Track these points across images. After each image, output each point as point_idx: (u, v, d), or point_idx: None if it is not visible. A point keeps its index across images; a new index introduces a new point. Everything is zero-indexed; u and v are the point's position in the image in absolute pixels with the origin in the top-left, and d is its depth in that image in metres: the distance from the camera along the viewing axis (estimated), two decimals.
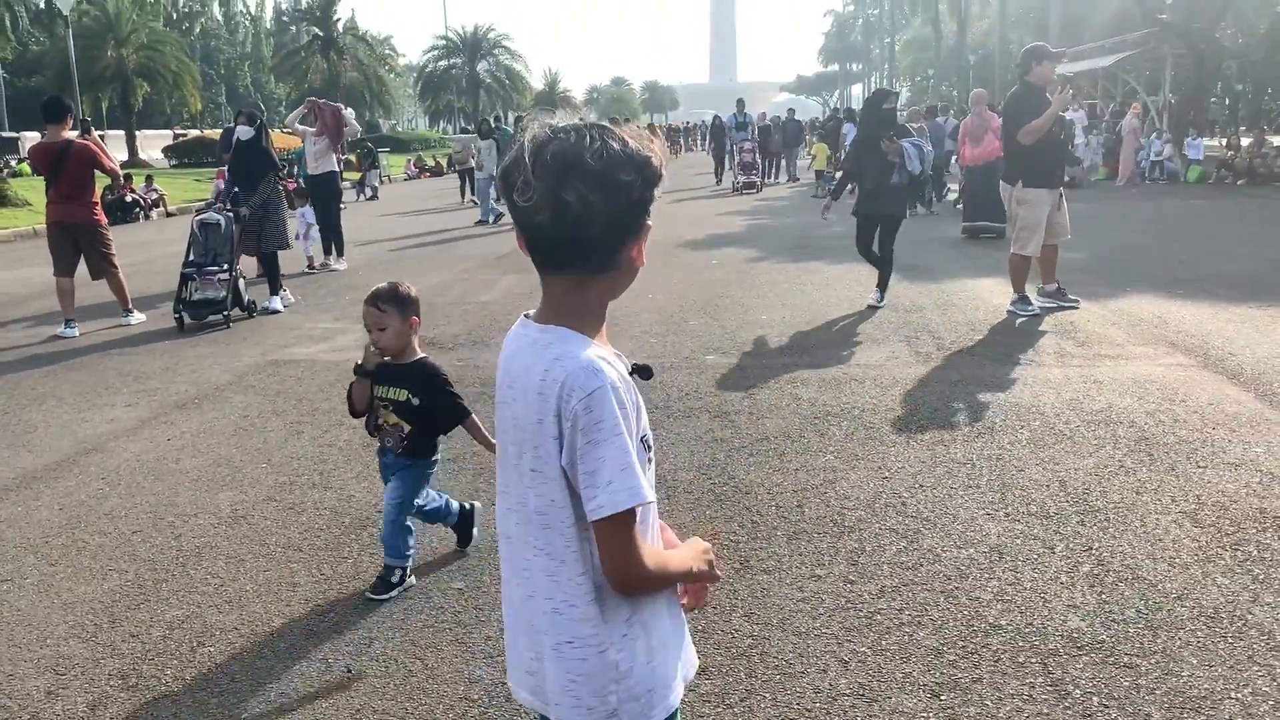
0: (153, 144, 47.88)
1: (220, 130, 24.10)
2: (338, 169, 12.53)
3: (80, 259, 8.63)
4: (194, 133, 52.23)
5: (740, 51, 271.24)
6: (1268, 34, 29.03)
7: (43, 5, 53.70)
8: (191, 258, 8.86)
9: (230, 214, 9.02)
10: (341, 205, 12.64)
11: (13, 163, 32.55)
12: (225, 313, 8.62)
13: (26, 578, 3.80)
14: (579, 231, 1.36)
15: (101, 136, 50.14)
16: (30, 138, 31.75)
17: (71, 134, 8.71)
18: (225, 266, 8.77)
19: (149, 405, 6.21)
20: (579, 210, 1.34)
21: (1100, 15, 40.42)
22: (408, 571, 3.59)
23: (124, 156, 43.16)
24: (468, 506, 3.93)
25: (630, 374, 1.46)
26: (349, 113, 12.62)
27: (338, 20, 49.83)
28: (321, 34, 48.42)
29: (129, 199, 21.95)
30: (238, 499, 4.52)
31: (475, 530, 3.94)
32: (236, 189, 9.42)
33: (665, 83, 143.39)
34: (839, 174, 8.60)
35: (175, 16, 79.07)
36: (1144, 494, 4.20)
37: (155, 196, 23.12)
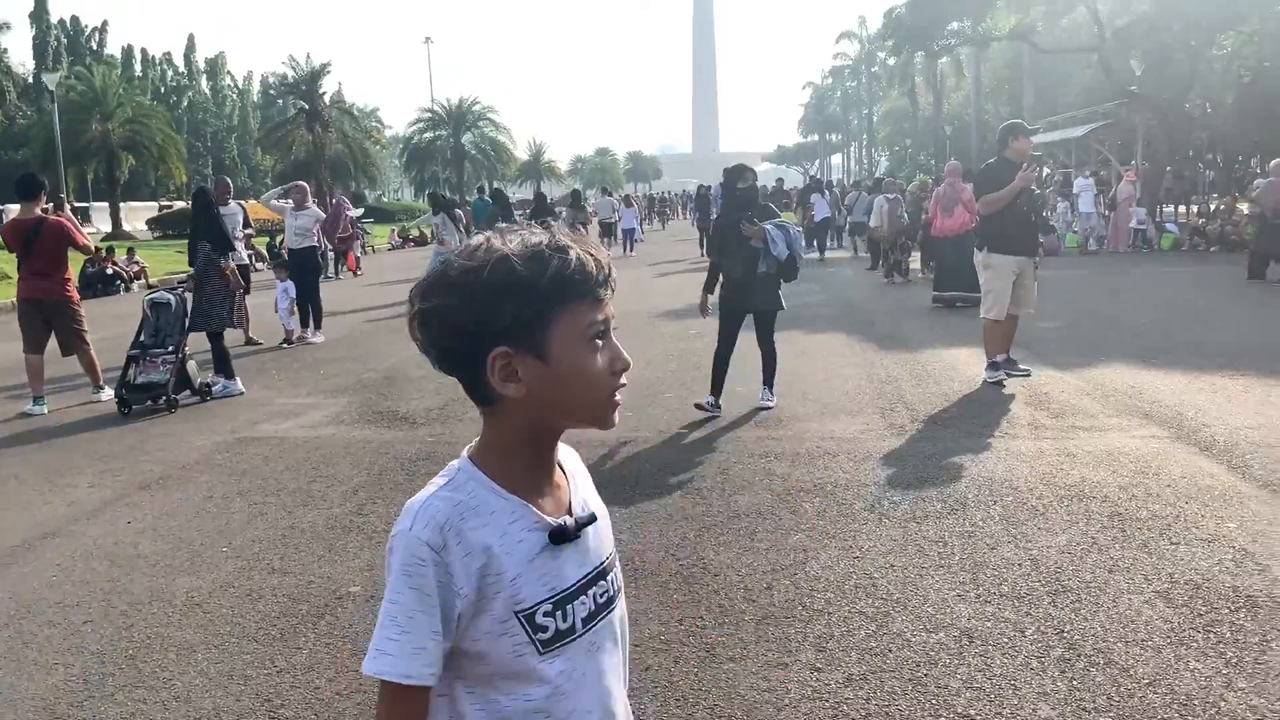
0: (138, 215, 48.12)
1: None
2: (318, 244, 12.57)
3: (51, 335, 8.56)
4: (179, 204, 52.51)
5: (722, 121, 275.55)
6: (1235, 104, 29.66)
7: (30, 80, 54.32)
8: (141, 338, 8.54)
9: (180, 293, 8.82)
10: (326, 277, 12.69)
11: None
12: (168, 397, 8.22)
13: None
14: (431, 353, 1.24)
15: (86, 209, 50.37)
16: (12, 210, 31.83)
17: (47, 208, 8.71)
18: (172, 348, 8.43)
19: (112, 486, 6.10)
20: (422, 331, 1.23)
21: (1072, 86, 41.25)
22: None
23: (108, 229, 43.36)
24: None
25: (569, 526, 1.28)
26: (351, 213, 12.62)
27: (324, 94, 50.40)
28: (307, 107, 48.91)
29: (110, 271, 21.94)
30: (194, 585, 4.41)
31: None
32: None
33: (649, 152, 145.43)
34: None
35: (163, 90, 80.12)
36: (1116, 572, 4.15)
37: (137, 269, 23.12)
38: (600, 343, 1.24)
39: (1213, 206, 24.84)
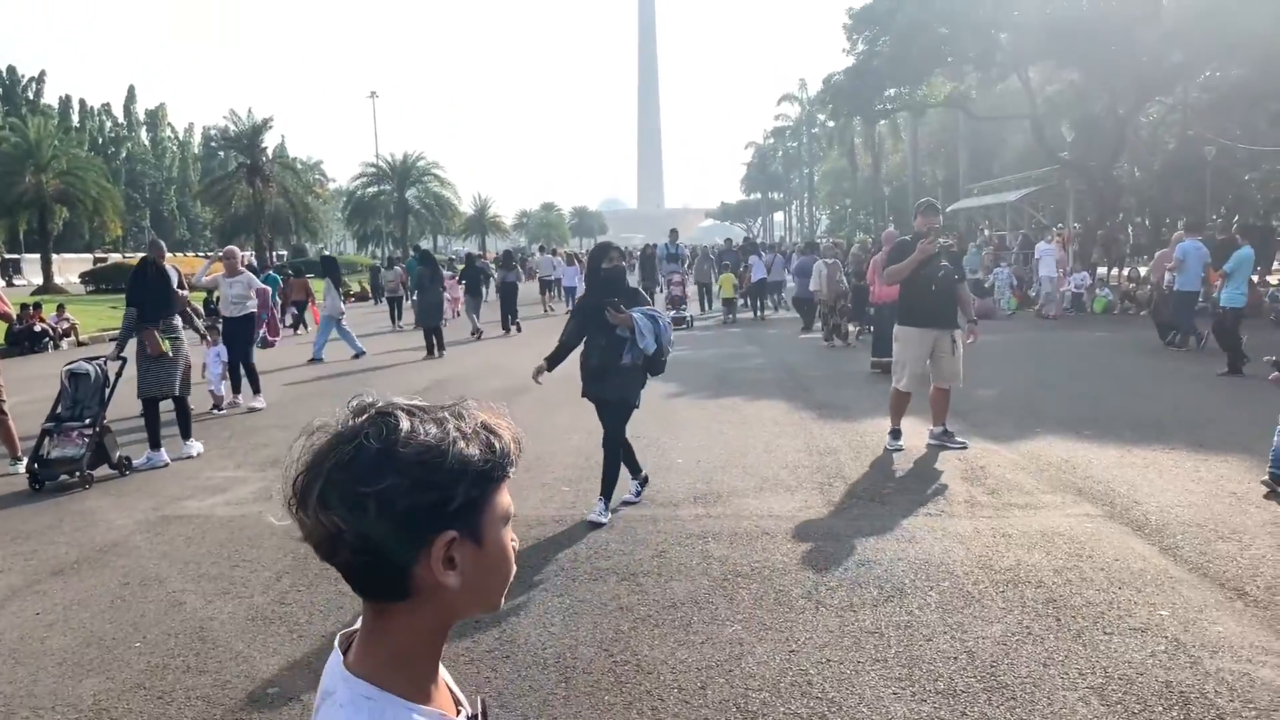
0: (71, 268, 47.16)
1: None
2: (255, 311, 12.33)
3: None
4: (115, 257, 51.66)
5: (667, 178, 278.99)
6: (1160, 172, 30.68)
7: None
8: (57, 410, 8.24)
9: (101, 364, 8.54)
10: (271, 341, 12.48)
11: None
12: (83, 472, 7.89)
13: None
14: (331, 556, 1.10)
15: (17, 261, 49.15)
16: None
17: None
18: (89, 421, 8.14)
19: (23, 571, 5.83)
20: (348, 517, 1.07)
21: (1007, 150, 42.50)
22: None
23: (39, 281, 42.37)
24: None
25: None
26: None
27: (265, 148, 50.05)
28: (248, 161, 48.53)
29: (38, 329, 21.36)
30: (102, 687, 4.20)
31: None
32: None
33: (594, 208, 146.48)
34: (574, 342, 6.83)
35: (102, 141, 79.11)
36: (1051, 666, 4.12)
37: (66, 326, 22.54)
38: (508, 522, 1.17)
39: (1142, 271, 25.53)
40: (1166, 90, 27.07)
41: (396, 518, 1.06)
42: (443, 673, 1.23)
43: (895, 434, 8.56)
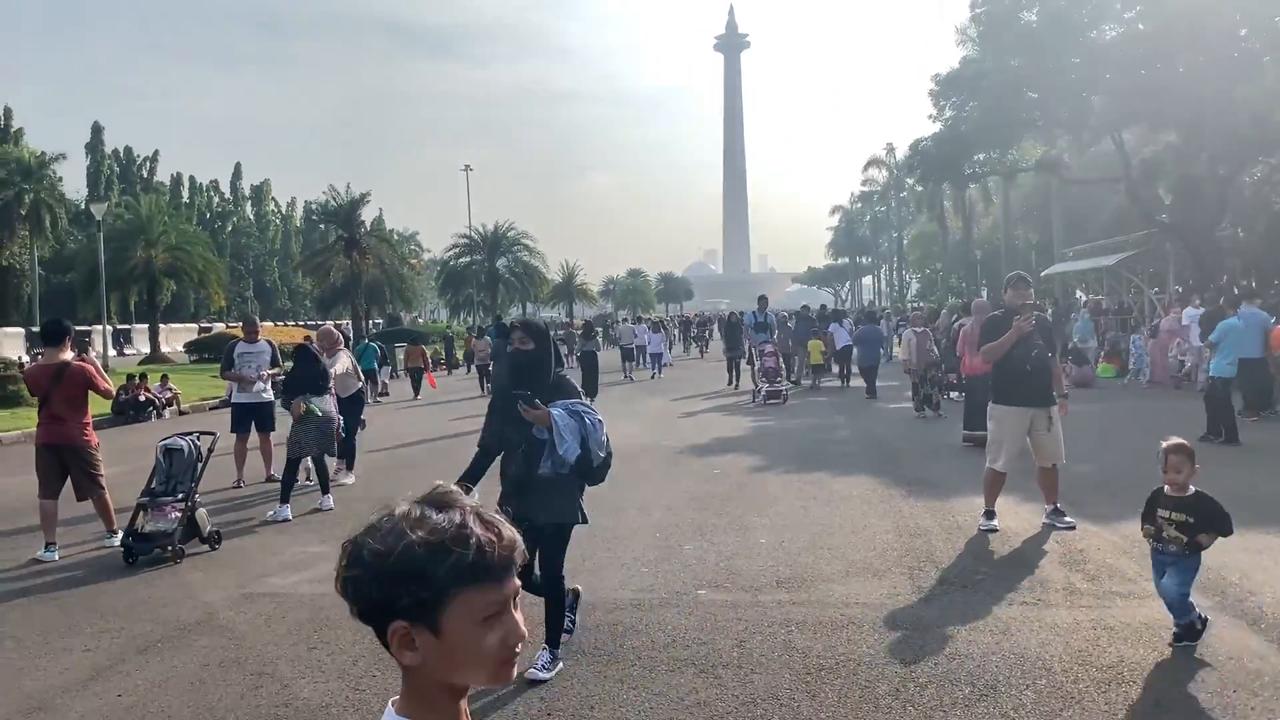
0: (177, 337, 49.11)
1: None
2: (360, 391, 12.52)
3: (66, 480, 8.50)
4: (218, 327, 53.64)
5: (753, 242, 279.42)
6: (1267, 230, 29.59)
7: (83, 207, 56.34)
8: (152, 485, 8.45)
9: (194, 439, 8.80)
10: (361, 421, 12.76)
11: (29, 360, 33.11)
12: (174, 546, 8.02)
13: None
14: (349, 607, 1.38)
15: (127, 331, 51.49)
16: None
17: (69, 355, 8.70)
18: (182, 496, 8.32)
19: (108, 650, 5.91)
20: (342, 589, 1.37)
21: (1103, 213, 41.51)
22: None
23: (147, 350, 44.16)
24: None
25: None
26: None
27: (362, 221, 51.71)
28: (346, 235, 50.13)
29: (142, 398, 22.13)
30: None
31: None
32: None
33: (680, 273, 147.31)
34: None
35: (209, 215, 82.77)
36: None
37: (169, 395, 23.31)
38: (497, 619, 1.34)
39: None
40: (1270, 150, 26.21)
41: (362, 600, 1.34)
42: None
43: (989, 514, 8.26)
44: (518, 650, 1.36)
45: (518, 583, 1.36)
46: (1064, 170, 32.23)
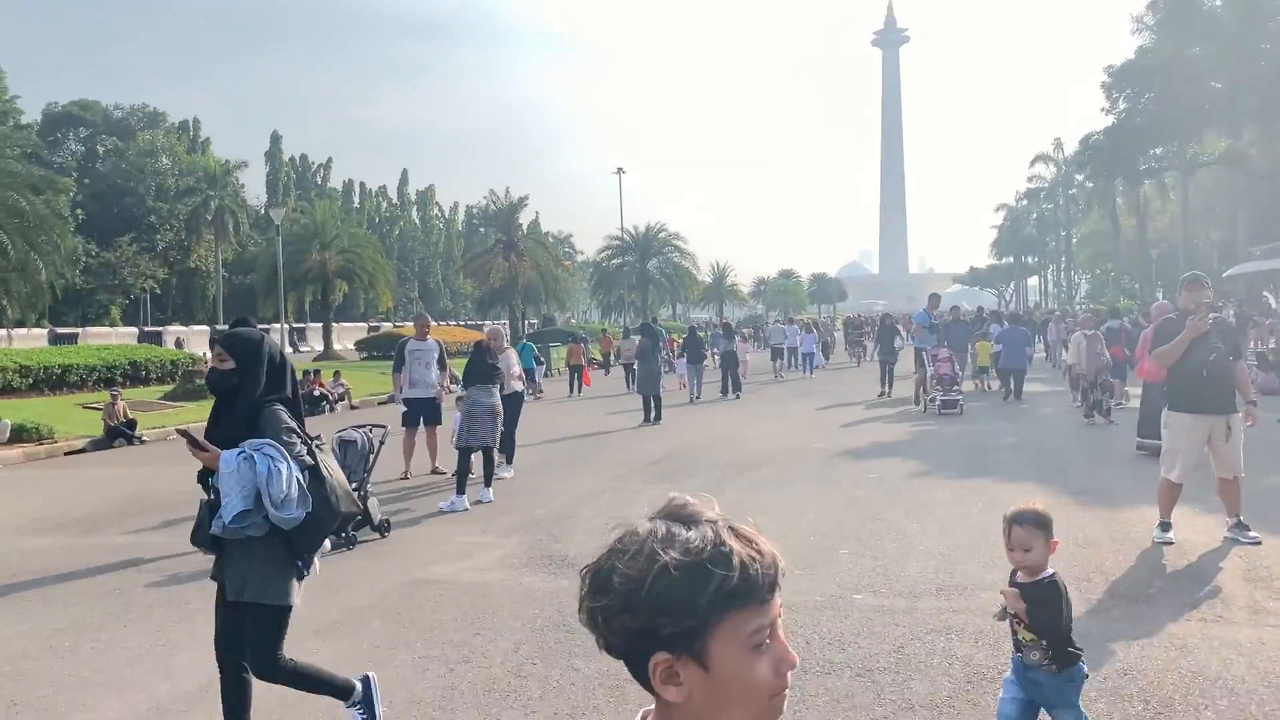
0: (348, 336, 51.51)
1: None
2: (520, 389, 12.89)
3: None
4: (386, 326, 56.01)
5: (911, 241, 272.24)
6: None
7: (263, 212, 59.88)
8: None
9: (367, 431, 9.21)
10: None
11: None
12: (347, 534, 8.38)
13: None
14: (598, 640, 1.27)
15: (302, 329, 54.29)
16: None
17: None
18: (355, 485, 8.60)
19: (293, 631, 6.25)
20: (589, 621, 1.26)
21: None
22: None
23: (320, 348, 46.46)
24: None
25: None
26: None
27: (520, 224, 53.18)
28: (505, 237, 51.63)
29: (317, 393, 23.35)
30: None
31: None
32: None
33: (833, 274, 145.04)
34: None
35: (378, 220, 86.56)
36: None
37: (341, 390, 24.53)
38: (767, 645, 1.22)
39: None
40: None
41: (615, 633, 1.22)
42: None
43: (1164, 526, 7.84)
44: (788, 679, 1.24)
45: (780, 602, 1.25)
46: (1252, 164, 30.23)
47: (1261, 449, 10.38)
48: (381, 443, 9.36)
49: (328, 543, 4.46)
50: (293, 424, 4.26)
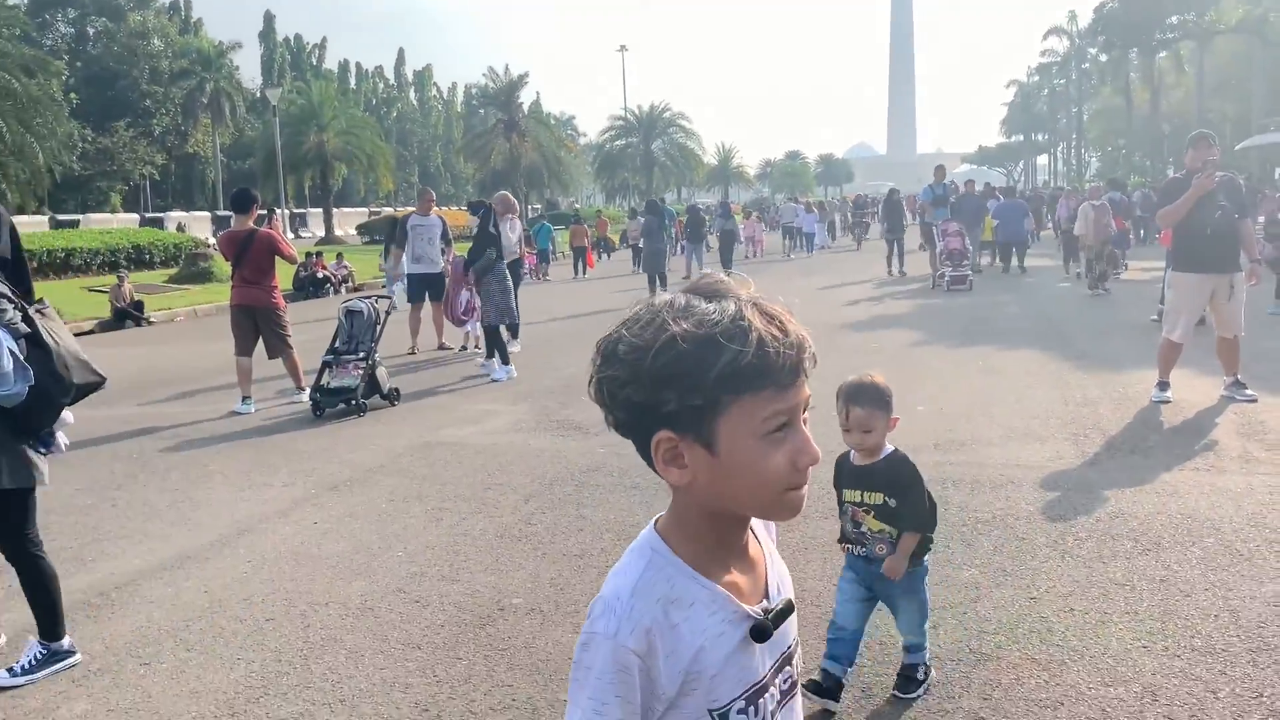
0: (349, 220, 51.23)
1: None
2: (520, 257, 12.91)
3: (259, 339, 9.16)
4: (387, 210, 55.61)
5: (920, 121, 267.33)
6: None
7: (258, 94, 58.84)
8: (335, 344, 9.00)
9: (373, 302, 9.29)
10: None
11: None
12: (358, 401, 8.56)
13: (163, 662, 3.96)
14: (606, 417, 1.20)
15: (303, 214, 54.00)
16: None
17: (262, 214, 9.34)
18: (363, 354, 8.82)
19: (304, 486, 6.46)
20: (596, 394, 1.19)
21: None
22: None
23: (321, 233, 46.27)
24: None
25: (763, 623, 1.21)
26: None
27: (521, 104, 52.25)
28: (505, 117, 50.81)
29: (320, 275, 23.39)
30: (368, 589, 4.61)
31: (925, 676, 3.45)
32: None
33: (840, 155, 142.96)
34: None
35: (374, 102, 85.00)
36: None
37: (344, 273, 24.56)
38: (783, 434, 1.13)
39: None
40: None
41: (620, 406, 1.15)
42: (769, 562, 1.29)
43: (1163, 385, 7.93)
44: (807, 475, 1.16)
45: (808, 390, 1.15)
46: (1269, 32, 29.45)
47: (1263, 312, 10.41)
48: (388, 313, 9.43)
49: (69, 414, 3.94)
50: (1, 288, 3.69)
